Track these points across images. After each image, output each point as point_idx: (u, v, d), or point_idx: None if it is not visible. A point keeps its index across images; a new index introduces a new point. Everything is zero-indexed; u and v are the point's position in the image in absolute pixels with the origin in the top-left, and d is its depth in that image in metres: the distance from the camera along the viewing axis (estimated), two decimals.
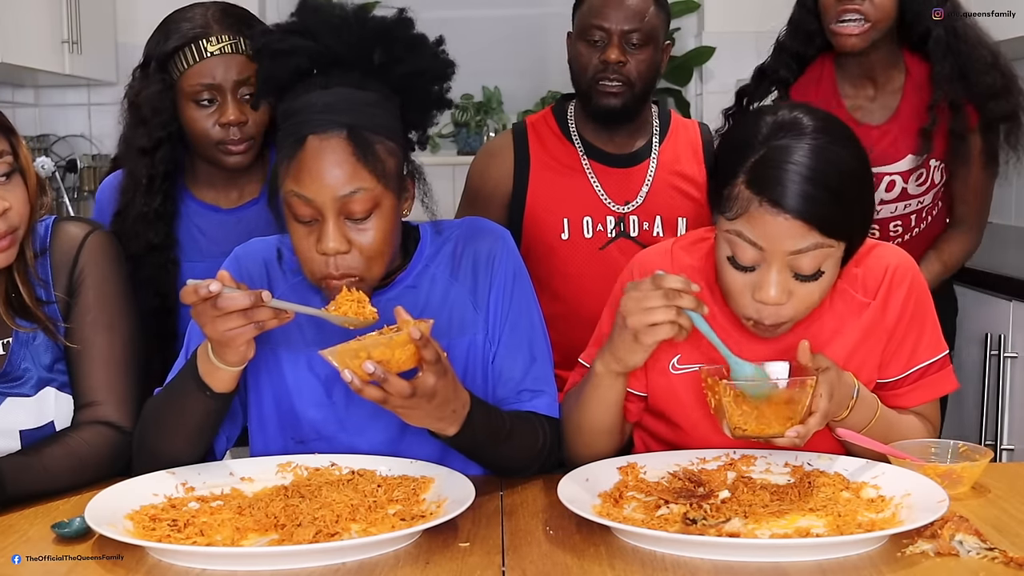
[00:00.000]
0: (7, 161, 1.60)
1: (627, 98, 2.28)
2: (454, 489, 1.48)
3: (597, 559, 1.33)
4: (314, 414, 1.68)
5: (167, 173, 2.07)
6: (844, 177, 1.45)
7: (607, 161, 2.37)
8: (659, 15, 2.29)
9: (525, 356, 1.68)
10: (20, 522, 1.49)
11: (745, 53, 4.34)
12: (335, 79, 1.55)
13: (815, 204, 1.42)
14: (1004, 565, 1.28)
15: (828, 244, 1.45)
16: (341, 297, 1.49)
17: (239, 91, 2.02)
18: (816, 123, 1.47)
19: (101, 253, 1.71)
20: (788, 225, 1.43)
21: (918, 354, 1.65)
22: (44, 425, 1.67)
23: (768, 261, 1.47)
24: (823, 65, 2.46)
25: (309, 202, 1.52)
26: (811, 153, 1.43)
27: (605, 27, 2.25)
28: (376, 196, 1.53)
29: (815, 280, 1.49)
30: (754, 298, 1.50)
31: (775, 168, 1.43)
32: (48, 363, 1.68)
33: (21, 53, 3.63)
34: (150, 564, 1.34)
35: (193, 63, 2.00)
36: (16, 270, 1.65)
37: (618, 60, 2.24)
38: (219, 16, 2.04)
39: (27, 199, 1.63)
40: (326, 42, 1.56)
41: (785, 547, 1.33)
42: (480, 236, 1.73)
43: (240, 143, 2.04)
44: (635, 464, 1.60)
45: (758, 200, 1.44)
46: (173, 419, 1.58)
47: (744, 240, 1.47)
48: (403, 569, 1.31)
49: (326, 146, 1.51)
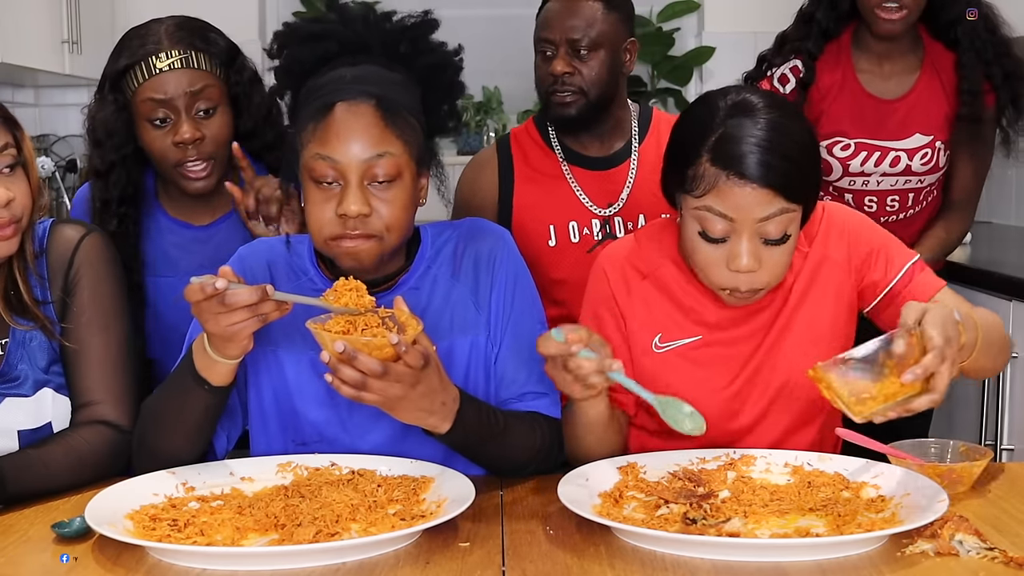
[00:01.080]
0: (11, 153, 1.61)
1: (581, 106, 2.26)
2: (454, 489, 1.48)
3: (597, 559, 1.33)
4: (316, 415, 1.68)
5: (123, 197, 2.03)
6: (798, 146, 1.56)
7: (587, 165, 2.37)
8: (610, 18, 2.26)
9: (527, 357, 1.68)
10: (20, 522, 1.49)
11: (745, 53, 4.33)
12: (362, 60, 1.60)
13: (777, 172, 1.52)
14: (1004, 565, 1.28)
15: (791, 208, 1.55)
16: (340, 285, 1.48)
17: (194, 106, 1.96)
18: (765, 101, 1.58)
19: (96, 254, 1.72)
20: (755, 194, 1.53)
21: (893, 263, 1.71)
22: (42, 426, 1.67)
23: (738, 231, 1.55)
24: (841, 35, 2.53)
25: (335, 164, 1.53)
26: (767, 127, 1.54)
27: (551, 39, 2.25)
28: (400, 164, 1.56)
29: (783, 244, 1.57)
30: (728, 268, 1.57)
31: (737, 143, 1.53)
32: (44, 365, 1.68)
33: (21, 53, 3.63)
34: (150, 564, 1.34)
35: (144, 80, 1.95)
36: (16, 267, 1.65)
37: (564, 71, 2.24)
38: (171, 30, 1.98)
39: (29, 192, 1.64)
40: (356, 29, 1.61)
41: (785, 547, 1.33)
42: (480, 236, 1.73)
43: (198, 162, 1.99)
44: (635, 464, 1.60)
45: (725, 175, 1.53)
46: (172, 416, 1.58)
47: (713, 214, 1.55)
48: (403, 569, 1.31)
49: (355, 111, 1.54)
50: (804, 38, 2.52)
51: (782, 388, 1.69)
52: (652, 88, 4.34)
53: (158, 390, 1.63)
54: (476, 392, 1.62)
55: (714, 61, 4.31)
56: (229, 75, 2.04)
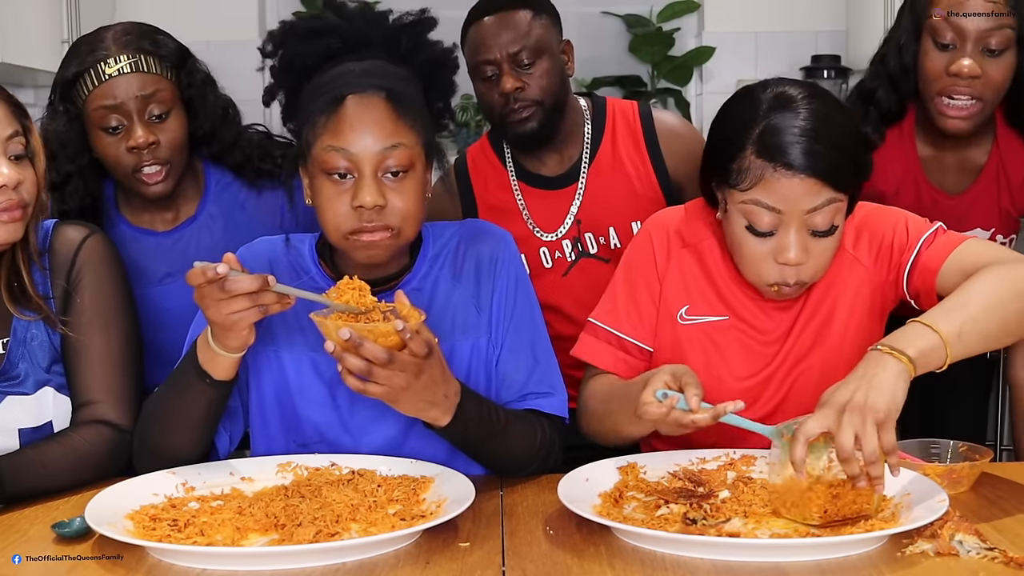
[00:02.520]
0: (20, 142, 1.63)
1: (541, 117, 2.19)
2: (454, 489, 1.48)
3: (597, 559, 1.33)
4: (317, 417, 1.67)
5: (82, 209, 2.01)
6: (843, 134, 1.56)
7: (540, 184, 2.29)
8: (541, 22, 2.19)
9: (528, 359, 1.68)
10: (20, 522, 1.49)
11: (745, 53, 4.36)
12: (367, 55, 1.61)
13: (824, 160, 1.52)
14: (1004, 565, 1.28)
15: (839, 198, 1.55)
16: (343, 284, 1.48)
17: (146, 110, 1.95)
18: (806, 91, 1.58)
19: (98, 255, 1.72)
20: (803, 184, 1.52)
21: (912, 233, 1.67)
22: (43, 425, 1.67)
23: (786, 223, 1.55)
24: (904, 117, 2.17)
25: (348, 155, 1.54)
26: (810, 116, 1.54)
27: (491, 59, 2.16)
28: (412, 156, 1.57)
29: (830, 235, 1.57)
30: (777, 261, 1.57)
31: (782, 135, 1.53)
32: (46, 364, 1.68)
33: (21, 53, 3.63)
34: (150, 564, 1.34)
35: (94, 87, 1.93)
36: (20, 258, 1.66)
37: (515, 87, 2.16)
38: (119, 35, 1.96)
39: (36, 182, 1.65)
40: (357, 25, 1.62)
41: (785, 547, 1.33)
42: (482, 238, 1.73)
43: (153, 166, 1.97)
44: (635, 464, 1.60)
45: (771, 166, 1.53)
46: (174, 412, 1.58)
47: (761, 207, 1.55)
48: (403, 569, 1.31)
49: (366, 103, 1.55)
50: (863, 122, 2.12)
51: (795, 390, 1.69)
52: (652, 88, 4.34)
53: (160, 388, 1.63)
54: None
55: (714, 61, 4.31)
56: (180, 77, 2.02)
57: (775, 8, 4.35)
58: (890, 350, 1.42)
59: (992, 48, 1.91)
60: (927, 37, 1.96)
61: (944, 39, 1.93)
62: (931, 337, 1.44)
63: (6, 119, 1.61)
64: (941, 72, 1.95)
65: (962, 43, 1.92)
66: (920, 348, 1.43)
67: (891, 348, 1.43)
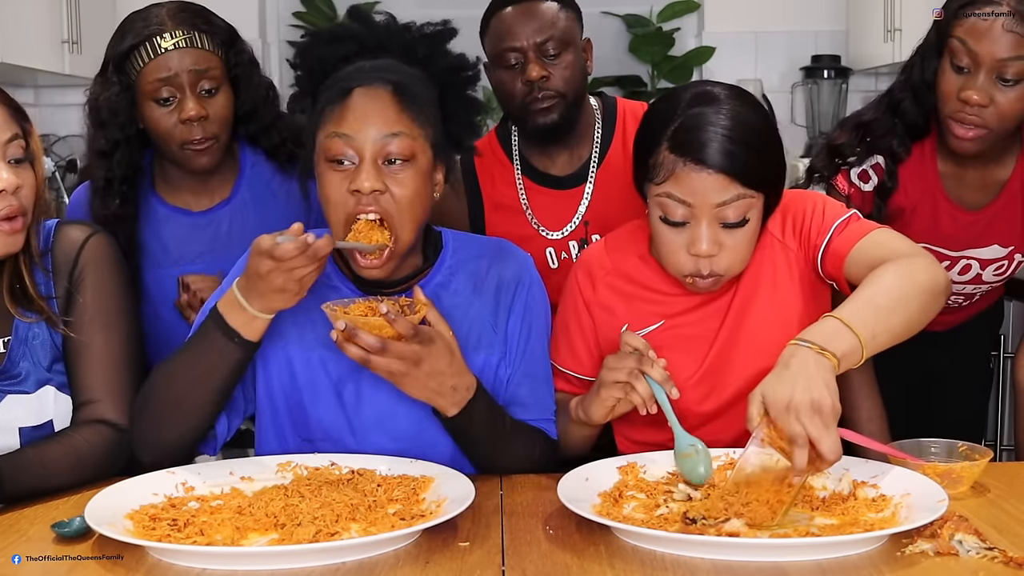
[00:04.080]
0: (20, 145, 1.63)
1: (562, 110, 2.18)
2: (454, 489, 1.49)
3: (597, 559, 1.33)
4: (323, 414, 1.68)
5: (125, 176, 2.06)
6: (755, 133, 1.61)
7: (547, 184, 2.28)
8: (568, 15, 2.19)
9: (541, 387, 1.72)
10: (20, 522, 1.49)
11: (745, 53, 4.36)
12: (383, 55, 1.64)
13: (732, 158, 1.57)
14: (1004, 565, 1.28)
15: (749, 195, 1.60)
16: (361, 224, 1.55)
17: (198, 85, 2.00)
18: (726, 91, 1.64)
19: (100, 255, 1.72)
20: (712, 179, 1.58)
21: (827, 220, 1.70)
22: (43, 424, 1.67)
23: (697, 216, 1.60)
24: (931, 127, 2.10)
25: (349, 140, 1.56)
26: (724, 115, 1.59)
27: (517, 46, 2.14)
28: (415, 147, 1.58)
29: (741, 227, 1.61)
30: (689, 252, 1.62)
31: (694, 131, 1.59)
32: (47, 363, 1.68)
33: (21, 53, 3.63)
34: (150, 564, 1.34)
35: (149, 60, 1.98)
36: (22, 260, 1.66)
37: (540, 76, 2.14)
38: (174, 12, 2.02)
39: (35, 186, 1.65)
40: (376, 31, 1.66)
41: (785, 547, 1.33)
42: (507, 259, 1.75)
43: (203, 141, 2.02)
44: (635, 464, 1.60)
45: (682, 161, 1.59)
46: (195, 374, 1.57)
47: (673, 200, 1.61)
48: (403, 569, 1.31)
49: (372, 94, 1.58)
50: (889, 134, 2.05)
51: (750, 371, 1.69)
52: (652, 88, 4.34)
53: (176, 354, 1.61)
54: None
55: (714, 61, 4.31)
56: (229, 56, 2.07)
57: (775, 8, 4.35)
58: (820, 350, 1.43)
59: (1007, 78, 1.88)
60: (946, 56, 1.93)
61: (960, 62, 1.90)
62: (851, 340, 1.46)
63: (5, 123, 1.61)
64: (953, 94, 1.92)
65: (976, 69, 1.88)
66: (843, 350, 1.45)
67: (821, 348, 1.44)
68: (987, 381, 2.60)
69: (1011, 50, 1.85)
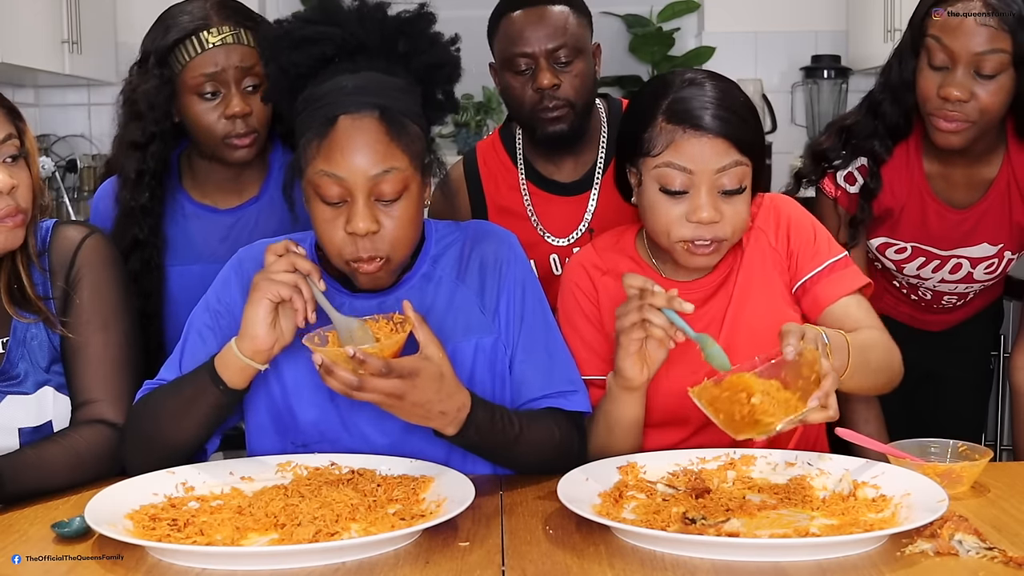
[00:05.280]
0: (14, 144, 1.63)
1: (571, 119, 2.13)
2: (454, 489, 1.48)
3: (597, 559, 1.33)
4: (314, 417, 1.67)
5: (156, 170, 2.06)
6: (745, 106, 1.70)
7: (554, 190, 2.24)
8: (580, 21, 2.13)
9: (543, 359, 1.68)
10: (20, 522, 1.49)
11: (745, 53, 4.36)
12: (362, 65, 1.57)
13: (728, 124, 1.65)
14: (1003, 565, 1.28)
15: (744, 162, 1.66)
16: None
17: (243, 81, 2.01)
18: (710, 73, 1.74)
19: (97, 255, 1.72)
20: (711, 144, 1.64)
21: (819, 254, 1.78)
22: (42, 424, 1.67)
23: (697, 184, 1.64)
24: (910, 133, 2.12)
25: (340, 181, 1.52)
26: (715, 89, 1.68)
27: (529, 52, 2.09)
28: (406, 178, 1.55)
29: (739, 194, 1.67)
30: (689, 220, 1.65)
31: (690, 102, 1.66)
32: (45, 364, 1.68)
33: (21, 53, 3.63)
34: (150, 564, 1.34)
35: (195, 55, 1.99)
36: (19, 260, 1.66)
37: (552, 84, 2.08)
38: (218, 8, 2.02)
39: (31, 184, 1.65)
40: (351, 29, 1.57)
41: (785, 547, 1.33)
42: (487, 239, 1.73)
43: (246, 136, 2.02)
44: (635, 464, 1.60)
45: (681, 129, 1.65)
46: (178, 410, 1.58)
47: (674, 168, 1.65)
48: (403, 569, 1.31)
49: (359, 125, 1.52)
50: (871, 136, 2.07)
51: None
52: None
53: (165, 387, 1.62)
54: (483, 394, 1.61)
55: (714, 61, 4.31)
56: None
57: (775, 8, 4.36)
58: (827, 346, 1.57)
59: (985, 72, 1.89)
60: (923, 55, 1.95)
61: (937, 60, 1.92)
62: (843, 362, 1.60)
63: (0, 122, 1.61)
64: (933, 93, 1.93)
65: (954, 65, 1.90)
66: (837, 364, 1.58)
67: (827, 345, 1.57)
68: (988, 381, 2.60)
69: (986, 44, 1.87)
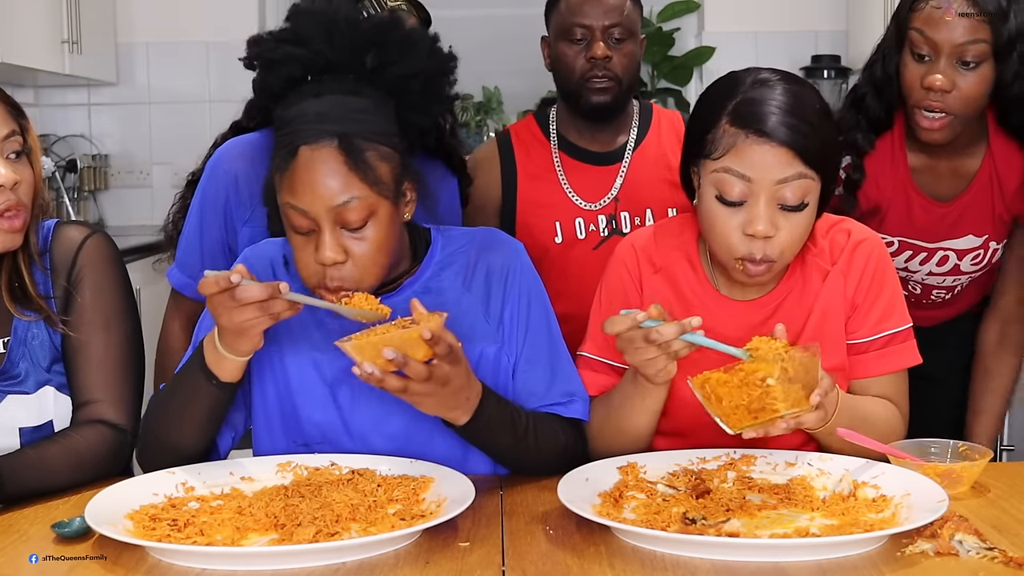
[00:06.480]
0: (17, 140, 1.63)
1: (616, 93, 2.30)
2: (454, 489, 1.49)
3: (597, 559, 1.33)
4: (319, 417, 1.67)
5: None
6: (817, 113, 1.59)
7: (582, 158, 2.38)
8: (635, 9, 2.32)
9: (546, 371, 1.69)
10: (20, 522, 1.49)
11: (745, 53, 4.36)
12: (327, 86, 1.56)
13: (796, 133, 1.55)
14: (1004, 565, 1.28)
15: (809, 175, 1.56)
16: (356, 296, 1.52)
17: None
18: (784, 75, 1.63)
19: (99, 255, 1.72)
20: (774, 153, 1.54)
21: (884, 321, 1.69)
22: (43, 424, 1.67)
23: (756, 193, 1.56)
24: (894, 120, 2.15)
25: (304, 213, 1.53)
26: (786, 93, 1.58)
27: (587, 24, 2.26)
28: (371, 204, 1.54)
29: (800, 211, 1.57)
30: (744, 232, 1.57)
31: (757, 105, 1.57)
32: (46, 364, 1.68)
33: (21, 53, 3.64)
34: (150, 564, 1.34)
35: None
36: (21, 259, 1.67)
37: (604, 56, 2.25)
38: None
39: (34, 182, 1.65)
40: (317, 47, 1.57)
41: (785, 547, 1.33)
42: (494, 248, 1.73)
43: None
44: (635, 464, 1.60)
45: (744, 134, 1.56)
46: (179, 410, 1.59)
47: (732, 175, 1.56)
48: (403, 569, 1.32)
49: (317, 156, 1.52)
50: (854, 129, 2.12)
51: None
52: (652, 88, 4.35)
53: (166, 386, 1.63)
54: None
55: (714, 61, 4.32)
56: None
57: (775, 8, 4.36)
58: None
59: (967, 61, 1.93)
60: (907, 47, 2.00)
61: (920, 51, 1.97)
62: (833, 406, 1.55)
63: (2, 119, 1.61)
64: (917, 83, 1.98)
65: (937, 56, 1.94)
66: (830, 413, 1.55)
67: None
68: None
69: (968, 34, 1.92)
